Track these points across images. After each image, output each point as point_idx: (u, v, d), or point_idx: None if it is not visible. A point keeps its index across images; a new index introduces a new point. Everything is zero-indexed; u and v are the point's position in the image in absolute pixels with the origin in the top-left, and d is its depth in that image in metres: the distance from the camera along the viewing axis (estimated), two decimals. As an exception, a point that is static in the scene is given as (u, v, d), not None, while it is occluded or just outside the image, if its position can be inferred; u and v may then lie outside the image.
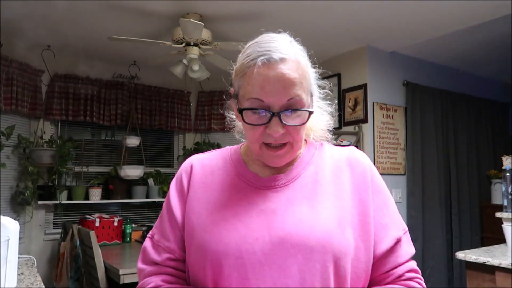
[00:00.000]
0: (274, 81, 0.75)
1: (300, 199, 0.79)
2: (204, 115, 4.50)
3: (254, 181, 0.84)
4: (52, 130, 3.78)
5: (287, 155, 0.80)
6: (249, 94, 0.77)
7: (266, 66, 0.76)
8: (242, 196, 0.81)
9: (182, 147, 4.50)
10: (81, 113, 3.78)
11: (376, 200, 0.83)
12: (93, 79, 3.88)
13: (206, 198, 0.83)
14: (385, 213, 0.83)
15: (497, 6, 2.78)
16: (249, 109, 0.77)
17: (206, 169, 0.89)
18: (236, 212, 0.79)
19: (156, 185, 4.14)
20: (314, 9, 2.82)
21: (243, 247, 0.74)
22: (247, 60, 0.79)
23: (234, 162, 0.89)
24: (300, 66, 0.78)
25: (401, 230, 0.84)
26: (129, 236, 3.57)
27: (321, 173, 0.84)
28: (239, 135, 0.97)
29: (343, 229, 0.76)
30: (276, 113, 0.75)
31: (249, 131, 0.80)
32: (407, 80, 3.79)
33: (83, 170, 3.86)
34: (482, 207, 4.18)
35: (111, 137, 4.17)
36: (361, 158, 0.87)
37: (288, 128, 0.77)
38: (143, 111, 4.16)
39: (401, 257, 0.81)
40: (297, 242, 0.72)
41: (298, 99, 0.77)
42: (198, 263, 0.77)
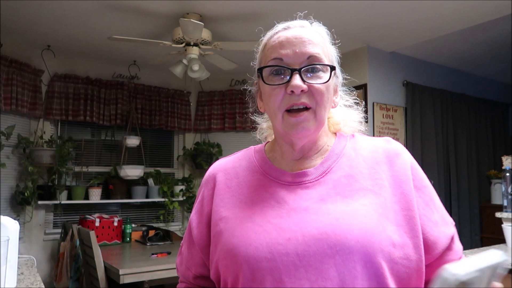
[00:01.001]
0: (293, 39, 0.75)
1: (334, 196, 0.73)
2: (204, 115, 4.50)
3: (281, 177, 0.78)
4: (52, 130, 3.78)
5: (311, 124, 0.74)
6: (269, 57, 0.76)
7: (286, 30, 0.78)
8: (270, 195, 0.76)
9: (182, 147, 4.50)
10: (81, 113, 3.78)
11: (422, 196, 0.75)
12: (93, 79, 3.88)
13: (232, 202, 0.79)
14: (433, 210, 0.76)
15: (497, 6, 2.78)
16: (268, 67, 0.75)
17: (230, 172, 0.85)
18: (264, 213, 0.74)
19: (156, 185, 4.14)
20: (314, 9, 2.82)
21: (274, 249, 0.68)
22: (268, 35, 0.80)
23: (258, 160, 0.84)
24: (320, 35, 0.79)
25: (450, 225, 0.78)
26: (129, 236, 3.56)
27: (356, 167, 0.77)
28: (260, 135, 0.93)
29: (385, 227, 0.69)
30: (296, 69, 0.73)
31: (270, 98, 0.75)
32: (407, 80, 3.79)
33: (83, 170, 3.86)
34: (482, 207, 4.18)
35: (111, 137, 4.17)
36: (400, 149, 0.80)
37: (310, 88, 0.73)
38: (143, 111, 4.16)
39: (457, 254, 0.76)
40: (335, 242, 0.66)
41: (319, 57, 0.75)
42: (228, 269, 0.73)
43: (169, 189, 4.16)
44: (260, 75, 0.77)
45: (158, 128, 4.28)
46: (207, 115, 4.49)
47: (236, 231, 0.74)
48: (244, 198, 0.78)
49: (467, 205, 4.05)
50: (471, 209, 4.09)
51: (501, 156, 2.83)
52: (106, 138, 4.15)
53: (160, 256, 2.84)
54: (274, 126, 0.80)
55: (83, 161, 3.89)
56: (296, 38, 0.75)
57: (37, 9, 2.82)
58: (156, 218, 4.22)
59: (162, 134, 4.47)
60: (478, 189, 4.22)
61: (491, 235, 4.00)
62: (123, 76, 4.08)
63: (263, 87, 0.77)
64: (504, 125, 4.81)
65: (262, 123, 0.93)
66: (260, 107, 0.85)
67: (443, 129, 3.99)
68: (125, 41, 2.94)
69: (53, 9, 2.81)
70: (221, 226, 0.77)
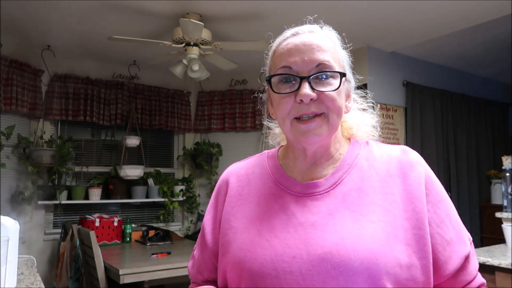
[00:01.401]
0: (302, 46, 0.73)
1: (342, 210, 0.71)
2: (204, 115, 4.50)
3: (292, 187, 0.77)
4: (52, 130, 3.78)
5: (323, 129, 0.72)
6: (278, 65, 0.75)
7: (295, 36, 0.76)
8: (279, 207, 0.75)
9: (182, 147, 4.50)
10: (81, 113, 3.78)
11: (438, 212, 0.72)
12: (93, 79, 3.88)
13: (242, 212, 0.78)
14: (449, 227, 0.72)
15: (497, 6, 2.78)
16: (277, 75, 0.74)
17: (243, 179, 0.84)
18: (272, 226, 0.72)
19: (156, 185, 4.14)
20: (314, 9, 2.82)
21: (279, 266, 0.67)
22: (277, 41, 0.79)
23: (271, 168, 0.82)
24: (330, 40, 0.77)
25: (467, 244, 0.73)
26: (129, 236, 3.56)
27: (367, 179, 0.74)
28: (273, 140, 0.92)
29: (392, 247, 0.66)
30: (305, 77, 0.71)
31: (279, 106, 0.74)
32: (407, 80, 3.79)
33: (83, 170, 3.86)
34: (482, 207, 4.18)
35: (111, 137, 4.17)
36: (415, 161, 0.76)
37: (320, 95, 0.71)
38: (143, 111, 4.16)
39: (470, 274, 0.72)
40: (338, 263, 0.64)
41: (328, 65, 0.73)
42: (234, 281, 0.73)
43: (169, 189, 4.16)
44: (269, 83, 0.76)
45: (158, 128, 4.28)
46: (207, 115, 4.49)
47: (243, 244, 0.73)
48: (255, 208, 0.77)
49: (467, 205, 4.05)
50: (471, 209, 4.09)
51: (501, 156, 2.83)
52: (106, 138, 4.15)
53: (160, 256, 2.84)
54: (284, 133, 0.79)
55: (83, 161, 3.89)
56: (304, 45, 0.73)
57: (37, 9, 2.82)
58: (156, 218, 4.22)
59: (162, 134, 4.47)
60: (478, 189, 4.22)
61: (491, 235, 4.00)
62: (123, 76, 4.08)
63: (273, 95, 0.76)
64: (504, 125, 4.81)
65: (274, 129, 0.91)
66: (271, 114, 0.83)
67: (443, 129, 3.99)
68: (125, 41, 2.94)
69: (53, 9, 2.81)
70: (230, 236, 0.76)
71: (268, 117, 0.87)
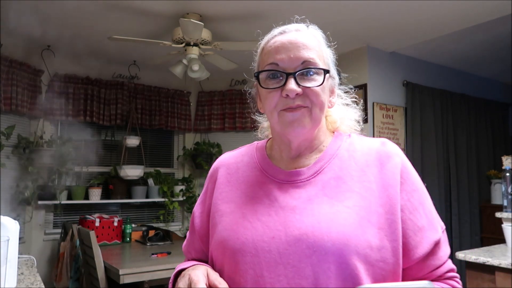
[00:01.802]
0: (288, 44, 0.78)
1: (321, 197, 0.76)
2: (204, 115, 4.50)
3: (277, 175, 0.82)
4: (52, 130, 3.78)
5: (306, 120, 0.77)
6: (266, 62, 0.80)
7: (282, 35, 0.81)
8: (263, 193, 0.81)
9: (182, 147, 4.50)
10: (81, 113, 3.78)
11: (411, 200, 0.77)
12: (93, 79, 3.88)
13: (229, 197, 0.85)
14: (422, 214, 0.77)
15: (497, 6, 2.78)
16: (265, 71, 0.79)
17: (232, 167, 0.90)
18: (256, 209, 0.79)
19: (156, 185, 4.14)
20: (314, 9, 2.82)
21: (259, 245, 0.74)
22: (265, 39, 0.84)
23: (259, 157, 0.88)
24: (315, 38, 0.82)
25: (438, 231, 0.78)
26: (129, 236, 3.56)
27: (346, 169, 0.80)
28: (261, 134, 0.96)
29: (364, 230, 0.71)
30: (290, 73, 0.76)
31: (266, 100, 0.79)
32: (407, 80, 3.79)
33: (83, 170, 3.86)
34: (482, 207, 4.18)
35: (111, 137, 4.17)
36: (393, 153, 0.80)
37: (305, 90, 0.76)
38: (143, 111, 4.16)
39: (439, 259, 0.77)
40: (312, 243, 0.70)
41: (313, 62, 0.77)
42: (218, 258, 0.80)
43: (169, 189, 4.16)
44: (257, 78, 0.81)
45: (158, 128, 4.28)
46: (207, 115, 4.49)
47: (228, 224, 0.80)
48: (241, 194, 0.83)
49: (467, 205, 4.05)
50: (471, 209, 4.09)
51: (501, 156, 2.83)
52: (106, 138, 4.15)
53: (160, 256, 2.84)
54: (272, 126, 0.84)
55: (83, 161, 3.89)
56: (291, 43, 0.78)
57: (37, 9, 2.82)
58: (156, 218, 4.22)
59: (162, 134, 4.47)
60: (478, 189, 4.22)
61: (491, 235, 4.00)
62: (123, 76, 4.08)
63: (261, 90, 0.81)
64: (504, 125, 4.81)
65: (263, 122, 0.96)
66: (260, 108, 0.88)
67: (443, 129, 3.99)
68: (125, 41, 2.94)
69: (53, 9, 2.81)
70: (216, 219, 0.83)
71: (256, 111, 0.92)
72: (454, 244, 3.85)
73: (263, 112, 0.88)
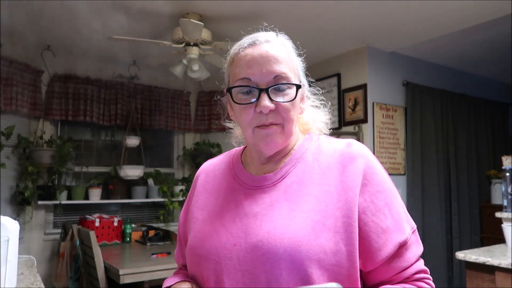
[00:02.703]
0: (259, 58, 0.78)
1: (282, 202, 0.77)
2: (204, 115, 4.50)
3: (247, 181, 0.84)
4: (52, 130, 3.78)
5: (278, 137, 0.79)
6: (238, 76, 0.80)
7: (252, 47, 0.80)
8: (232, 199, 0.83)
9: (182, 147, 4.50)
10: (81, 113, 3.78)
11: (375, 201, 0.76)
12: (93, 79, 3.88)
13: (204, 203, 0.87)
14: (387, 215, 0.76)
15: (497, 6, 2.78)
16: (237, 87, 0.79)
17: (210, 174, 0.93)
18: (222, 216, 0.81)
19: (156, 185, 4.14)
20: (314, 9, 2.82)
21: (221, 253, 0.76)
22: (235, 49, 0.83)
23: (234, 164, 0.91)
24: (285, 49, 0.82)
25: (405, 232, 0.77)
26: (129, 236, 3.56)
27: (309, 172, 0.80)
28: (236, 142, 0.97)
29: (317, 234, 0.71)
30: (263, 89, 0.77)
31: (241, 115, 0.80)
32: (407, 80, 3.79)
33: (83, 170, 3.86)
34: (482, 207, 4.18)
35: (110, 137, 4.17)
36: (356, 153, 0.79)
37: (277, 106, 0.77)
38: (143, 111, 4.16)
39: (406, 261, 0.76)
40: (267, 251, 0.72)
41: (285, 76, 0.78)
42: (190, 265, 0.84)
43: (169, 189, 4.16)
44: (230, 93, 0.81)
45: (158, 128, 4.28)
46: (207, 115, 4.49)
47: (197, 232, 0.83)
48: (214, 200, 0.86)
49: (467, 205, 4.05)
50: (471, 209, 4.09)
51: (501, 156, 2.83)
52: (106, 138, 4.15)
53: (160, 256, 2.84)
54: (246, 138, 0.86)
55: (83, 161, 3.89)
56: (262, 56, 0.78)
57: (37, 9, 2.82)
58: (156, 218, 4.22)
59: (162, 134, 4.47)
60: (478, 189, 4.22)
61: (491, 235, 4.00)
62: (123, 76, 4.08)
63: (234, 104, 0.81)
64: (504, 125, 4.81)
65: (235, 131, 0.97)
66: (231, 115, 0.89)
67: (443, 129, 3.99)
68: (125, 41, 2.94)
69: (53, 9, 2.81)
70: (190, 226, 0.87)
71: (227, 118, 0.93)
72: (454, 244, 3.85)
73: (234, 119, 0.89)
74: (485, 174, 4.21)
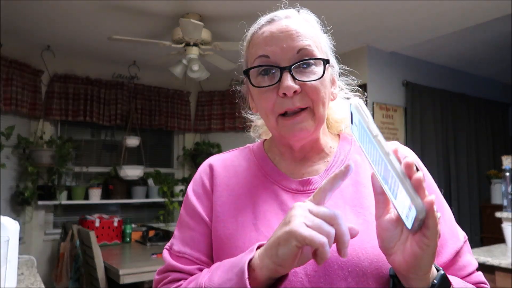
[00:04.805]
0: (279, 33, 0.67)
1: (342, 206, 0.66)
2: (204, 115, 4.50)
3: (285, 183, 0.72)
4: (52, 130, 3.77)
5: (309, 124, 0.67)
6: (255, 55, 0.69)
7: (270, 24, 0.70)
8: (273, 201, 0.70)
9: (181, 147, 4.50)
10: (81, 113, 3.78)
11: None
12: (93, 79, 3.88)
13: (232, 204, 0.72)
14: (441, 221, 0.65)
15: (497, 6, 2.78)
16: (255, 67, 0.68)
17: (230, 170, 0.77)
18: (268, 220, 0.67)
19: (156, 185, 4.14)
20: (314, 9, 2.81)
21: None
22: (252, 29, 0.74)
23: (259, 161, 0.77)
24: (309, 24, 0.72)
25: (460, 239, 0.69)
26: (129, 236, 3.56)
27: (363, 173, 0.70)
28: (254, 133, 0.86)
29: None
30: (286, 67, 0.66)
31: (261, 101, 0.69)
32: (407, 80, 3.79)
33: (83, 170, 3.86)
34: (482, 207, 4.18)
35: (110, 137, 4.17)
36: (409, 155, 0.71)
37: (303, 86, 0.66)
38: (143, 111, 4.16)
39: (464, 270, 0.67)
40: (346, 262, 0.60)
41: (310, 50, 0.67)
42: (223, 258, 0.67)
43: (169, 189, 4.15)
44: (248, 76, 0.70)
45: (158, 128, 4.28)
46: (207, 115, 4.49)
47: (239, 241, 0.66)
48: (246, 201, 0.71)
49: (467, 205, 4.05)
50: (471, 209, 4.09)
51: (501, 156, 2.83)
52: (106, 138, 4.15)
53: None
54: (269, 129, 0.74)
55: (83, 161, 3.89)
56: (282, 31, 0.68)
57: (37, 9, 2.82)
58: (156, 218, 4.22)
59: (162, 134, 4.47)
60: (478, 189, 4.22)
61: (491, 235, 4.00)
62: (123, 76, 4.08)
63: (253, 90, 0.71)
64: (504, 125, 4.81)
65: (256, 120, 0.86)
66: (252, 108, 0.79)
67: (443, 129, 3.99)
68: (125, 41, 2.94)
69: (53, 9, 2.81)
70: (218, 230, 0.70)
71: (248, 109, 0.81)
72: (454, 244, 3.85)
73: (256, 111, 0.78)
74: (485, 174, 4.21)
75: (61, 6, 2.76)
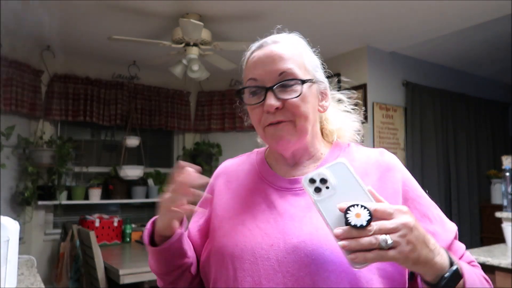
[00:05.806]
0: (265, 58, 0.79)
1: None
2: (204, 115, 4.50)
3: (276, 182, 0.83)
4: (52, 130, 3.77)
5: (289, 133, 0.78)
6: (246, 78, 0.82)
7: (259, 49, 0.82)
8: (262, 199, 0.81)
9: (181, 147, 4.50)
10: (81, 113, 3.78)
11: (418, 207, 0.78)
12: (93, 79, 3.88)
13: (228, 203, 0.85)
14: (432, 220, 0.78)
15: (497, 6, 2.78)
16: (245, 88, 0.81)
17: (232, 173, 0.91)
18: (254, 216, 0.79)
19: (155, 185, 4.13)
20: (314, 9, 2.82)
21: (257, 253, 0.74)
22: (248, 52, 0.85)
23: (259, 164, 0.89)
24: (293, 46, 0.82)
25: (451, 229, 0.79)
26: (129, 236, 3.56)
27: None
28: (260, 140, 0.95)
29: None
30: (268, 87, 0.77)
31: (252, 116, 0.82)
32: (406, 80, 3.79)
33: (83, 170, 3.86)
34: (482, 207, 4.18)
35: (110, 137, 4.17)
36: (392, 163, 0.81)
37: (285, 103, 0.77)
38: (143, 111, 4.16)
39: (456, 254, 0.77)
40: (311, 251, 0.70)
41: (290, 73, 0.78)
42: (216, 264, 0.79)
43: (169, 189, 4.15)
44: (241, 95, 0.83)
45: (158, 128, 4.28)
46: (207, 115, 4.49)
47: (227, 231, 0.79)
48: (240, 200, 0.84)
49: (467, 205, 4.05)
50: (471, 209, 4.09)
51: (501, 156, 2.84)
52: (106, 138, 4.15)
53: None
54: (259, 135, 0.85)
55: (83, 161, 3.89)
56: (267, 56, 0.79)
57: (37, 9, 2.81)
58: (156, 218, 4.21)
59: (162, 134, 4.47)
60: (478, 189, 4.22)
61: (491, 235, 4.00)
62: (123, 76, 4.08)
63: (246, 106, 0.83)
64: (504, 125, 4.81)
65: None
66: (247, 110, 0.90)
67: (443, 129, 3.99)
68: (125, 41, 2.94)
69: (53, 9, 2.81)
70: (215, 224, 0.83)
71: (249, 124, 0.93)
72: (454, 244, 3.85)
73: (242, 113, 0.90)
74: (485, 174, 4.22)
75: (61, 6, 2.76)
